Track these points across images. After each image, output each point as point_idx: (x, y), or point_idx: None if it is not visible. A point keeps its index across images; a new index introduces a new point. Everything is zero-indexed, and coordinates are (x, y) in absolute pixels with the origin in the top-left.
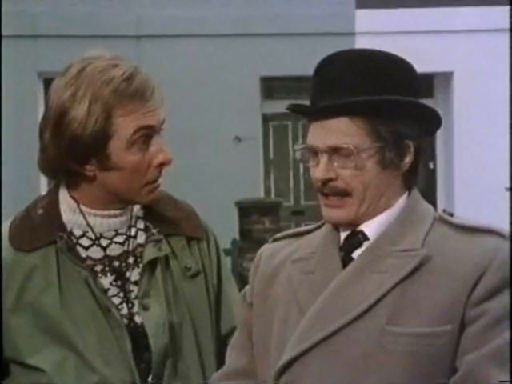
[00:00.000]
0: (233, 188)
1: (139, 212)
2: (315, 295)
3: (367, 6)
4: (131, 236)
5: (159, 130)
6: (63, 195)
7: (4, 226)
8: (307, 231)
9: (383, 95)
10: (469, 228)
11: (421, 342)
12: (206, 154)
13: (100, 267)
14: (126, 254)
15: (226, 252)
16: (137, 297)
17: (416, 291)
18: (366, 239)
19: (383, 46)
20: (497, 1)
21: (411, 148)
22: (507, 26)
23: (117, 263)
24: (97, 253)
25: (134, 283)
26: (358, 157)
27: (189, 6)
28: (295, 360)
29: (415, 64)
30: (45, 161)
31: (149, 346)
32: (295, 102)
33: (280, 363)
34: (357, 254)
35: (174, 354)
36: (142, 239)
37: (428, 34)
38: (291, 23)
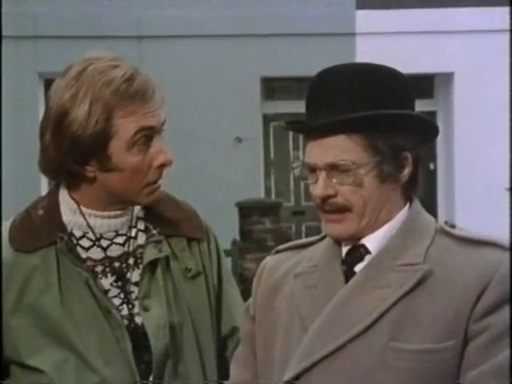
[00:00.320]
0: (233, 188)
1: (140, 213)
2: (318, 310)
3: (368, 6)
4: (131, 237)
5: (160, 131)
6: (63, 196)
7: (4, 226)
8: (310, 243)
9: (380, 109)
10: (471, 240)
11: (424, 358)
12: (207, 155)
13: (100, 268)
14: (126, 254)
15: (227, 252)
16: (137, 298)
17: (418, 306)
18: (368, 253)
19: (384, 47)
20: (497, 1)
21: (409, 159)
22: (507, 26)
23: (117, 264)
24: (97, 254)
25: (134, 284)
26: (357, 172)
27: (190, 7)
28: (299, 377)
29: (416, 64)
30: (45, 161)
31: (149, 346)
32: (296, 102)
33: (284, 379)
34: (359, 267)
35: (175, 354)
36: (142, 240)
37: (428, 34)
38: (292, 24)
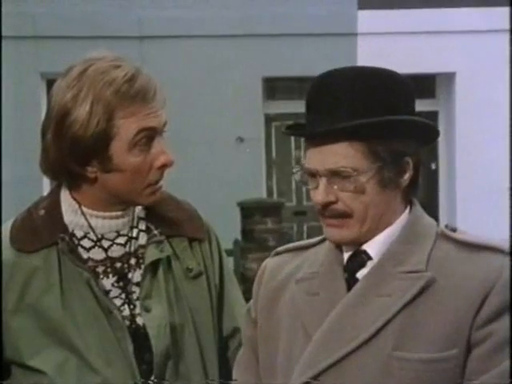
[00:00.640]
0: (235, 188)
1: (141, 213)
2: (320, 318)
3: (369, 6)
4: (133, 237)
5: (161, 132)
6: (65, 196)
7: (5, 226)
8: (310, 245)
9: (381, 115)
10: (472, 245)
11: (427, 367)
12: (208, 155)
13: (102, 268)
14: (127, 255)
15: (228, 252)
16: (138, 298)
17: (421, 315)
18: (370, 259)
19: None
20: (498, 1)
21: (410, 164)
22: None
23: (118, 264)
24: (98, 254)
25: (135, 284)
26: (358, 179)
27: (191, 7)
28: None
29: (417, 64)
30: (46, 162)
31: (150, 347)
32: (297, 102)
33: None
34: (361, 274)
35: (176, 355)
36: (143, 240)
37: (430, 34)
38: (293, 24)
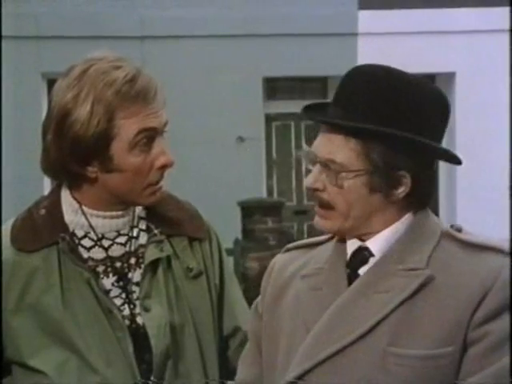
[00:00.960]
0: (235, 188)
1: (141, 213)
2: (321, 313)
3: (370, 6)
4: (133, 237)
5: (162, 132)
6: (65, 196)
7: (6, 226)
8: (319, 242)
9: (388, 125)
10: (474, 245)
11: (422, 363)
12: (209, 154)
13: (102, 268)
14: (127, 254)
15: (229, 252)
16: (138, 298)
17: (419, 312)
18: (372, 256)
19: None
20: (497, 2)
21: (407, 179)
22: (508, 26)
23: (119, 264)
24: (99, 254)
25: (135, 284)
26: (345, 176)
27: (192, 7)
28: (299, 378)
29: (417, 64)
30: (47, 161)
31: (150, 346)
32: (298, 102)
33: (285, 380)
34: (363, 270)
35: (176, 354)
36: (143, 240)
37: (430, 34)
38: (294, 24)
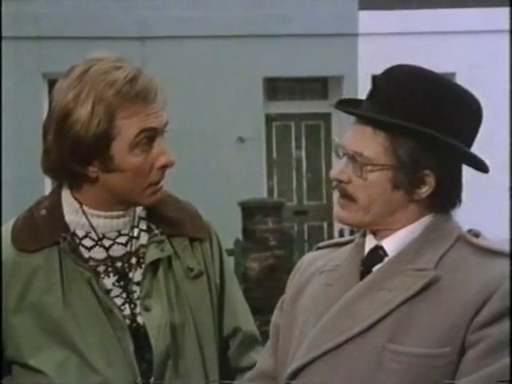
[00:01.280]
0: (236, 188)
1: (142, 213)
2: (330, 307)
3: (370, 7)
4: (134, 237)
5: (162, 132)
6: (66, 196)
7: (7, 226)
8: (347, 241)
9: (424, 126)
10: (487, 250)
11: (418, 362)
12: (209, 155)
13: (103, 268)
14: (128, 254)
15: (229, 252)
16: (139, 297)
17: (420, 311)
18: (387, 255)
19: (386, 47)
20: (497, 2)
21: (431, 179)
22: (508, 26)
23: (119, 264)
24: (99, 253)
25: (136, 284)
26: (371, 169)
27: (193, 8)
28: (302, 369)
29: (417, 64)
30: (48, 162)
31: (150, 346)
32: (298, 102)
33: (289, 371)
34: (376, 269)
35: (176, 354)
36: (144, 240)
37: (430, 35)
38: (295, 24)
